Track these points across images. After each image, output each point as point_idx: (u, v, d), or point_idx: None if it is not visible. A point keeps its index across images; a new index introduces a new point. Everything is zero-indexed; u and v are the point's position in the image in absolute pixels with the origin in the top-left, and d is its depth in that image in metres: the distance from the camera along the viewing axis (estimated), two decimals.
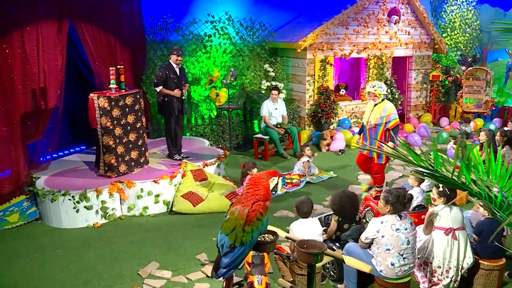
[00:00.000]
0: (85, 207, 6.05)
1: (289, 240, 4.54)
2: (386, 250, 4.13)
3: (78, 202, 6.01)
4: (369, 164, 6.79)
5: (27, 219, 6.24)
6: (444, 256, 4.33)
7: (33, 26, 6.49)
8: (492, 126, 11.29)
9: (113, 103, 6.36)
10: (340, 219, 4.82)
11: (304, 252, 3.19)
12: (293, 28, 10.88)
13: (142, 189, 6.39)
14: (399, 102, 11.46)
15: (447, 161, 2.79)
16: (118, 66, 6.72)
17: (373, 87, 6.48)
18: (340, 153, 9.52)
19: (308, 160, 8.12)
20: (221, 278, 3.18)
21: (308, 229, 4.63)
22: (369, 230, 4.26)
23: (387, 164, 7.14)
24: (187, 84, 7.65)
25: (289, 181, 7.74)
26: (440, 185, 4.43)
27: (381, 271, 4.19)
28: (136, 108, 6.77)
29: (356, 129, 10.54)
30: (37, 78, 6.63)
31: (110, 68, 6.56)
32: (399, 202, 4.18)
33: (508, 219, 2.41)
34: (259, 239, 3.21)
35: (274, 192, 3.31)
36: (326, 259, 4.69)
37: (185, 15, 9.68)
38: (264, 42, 10.52)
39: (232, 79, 9.15)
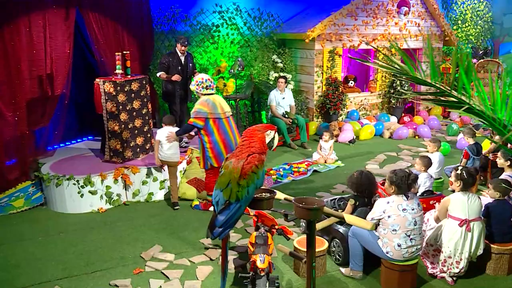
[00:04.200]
0: (89, 192, 6.02)
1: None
2: (393, 230, 4.04)
3: (82, 187, 5.98)
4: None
5: (32, 204, 6.23)
6: (456, 247, 4.20)
7: (40, 12, 6.46)
8: None
9: (118, 88, 6.32)
10: (357, 203, 4.67)
11: (302, 208, 3.07)
12: (302, 19, 10.79)
13: (147, 175, 6.34)
14: (408, 95, 11.31)
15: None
16: (124, 52, 6.68)
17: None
18: (350, 143, 9.42)
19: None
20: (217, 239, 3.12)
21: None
22: (375, 210, 4.17)
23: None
24: (196, 71, 7.63)
25: (296, 169, 7.65)
26: (459, 168, 4.33)
27: (387, 253, 4.10)
28: (142, 94, 6.74)
29: (365, 121, 10.44)
30: (44, 65, 6.59)
31: (116, 54, 6.53)
32: (403, 183, 4.10)
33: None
34: (255, 195, 3.10)
35: (270, 148, 3.18)
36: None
37: (193, 5, 9.63)
38: (272, 33, 10.44)
39: (239, 69, 9.09)
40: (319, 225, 3.68)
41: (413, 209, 4.07)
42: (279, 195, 3.48)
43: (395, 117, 11.08)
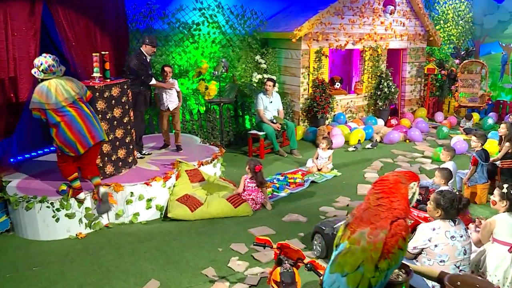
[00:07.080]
0: (66, 215, 5.18)
1: None
2: (440, 261, 3.48)
3: (58, 210, 5.13)
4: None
5: None
6: (505, 276, 3.69)
7: (0, 5, 5.59)
8: (490, 121, 10.90)
9: (97, 94, 5.51)
10: None
11: None
12: (285, 18, 10.18)
13: (132, 192, 5.55)
14: (396, 96, 10.92)
15: None
16: (103, 52, 5.87)
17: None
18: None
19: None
20: None
21: None
22: (418, 238, 3.59)
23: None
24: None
25: (292, 180, 7.03)
26: (504, 186, 3.80)
27: (433, 287, 3.53)
28: (123, 101, 5.93)
29: (353, 125, 9.95)
30: (6, 66, 5.71)
31: (94, 54, 5.72)
32: (452, 207, 3.55)
33: None
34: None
35: (409, 204, 2.30)
36: None
37: (171, 1, 8.85)
38: (255, 31, 9.78)
39: (223, 71, 8.39)
40: None
41: (461, 236, 3.53)
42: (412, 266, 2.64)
43: (382, 120, 10.66)
